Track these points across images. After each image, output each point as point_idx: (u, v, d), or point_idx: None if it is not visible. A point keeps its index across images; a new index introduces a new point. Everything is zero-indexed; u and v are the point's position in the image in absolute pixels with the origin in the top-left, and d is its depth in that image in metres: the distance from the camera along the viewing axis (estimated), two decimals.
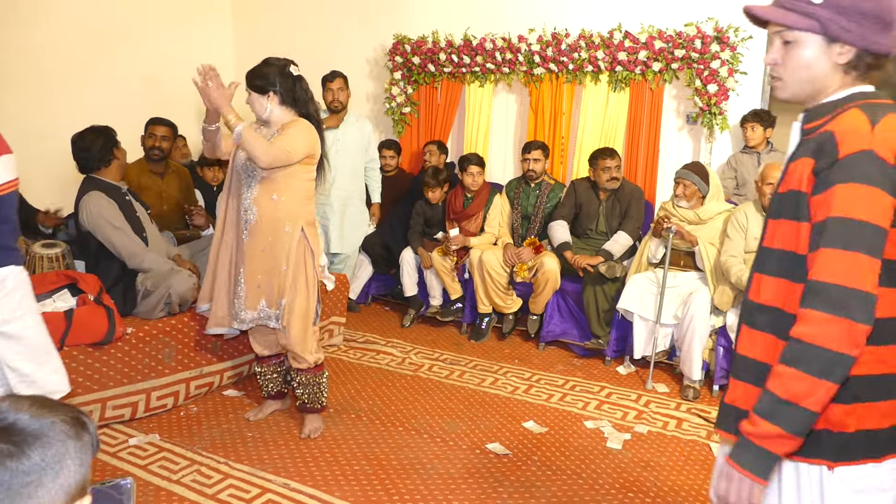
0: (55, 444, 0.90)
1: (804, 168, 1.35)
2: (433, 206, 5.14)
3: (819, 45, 1.37)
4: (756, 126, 4.54)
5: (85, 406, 3.15)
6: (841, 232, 1.26)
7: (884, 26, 1.34)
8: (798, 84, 1.43)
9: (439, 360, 4.39)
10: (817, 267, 1.28)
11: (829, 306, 1.25)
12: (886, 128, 1.30)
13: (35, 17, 5.14)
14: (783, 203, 1.40)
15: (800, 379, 1.27)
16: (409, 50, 5.77)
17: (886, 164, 1.27)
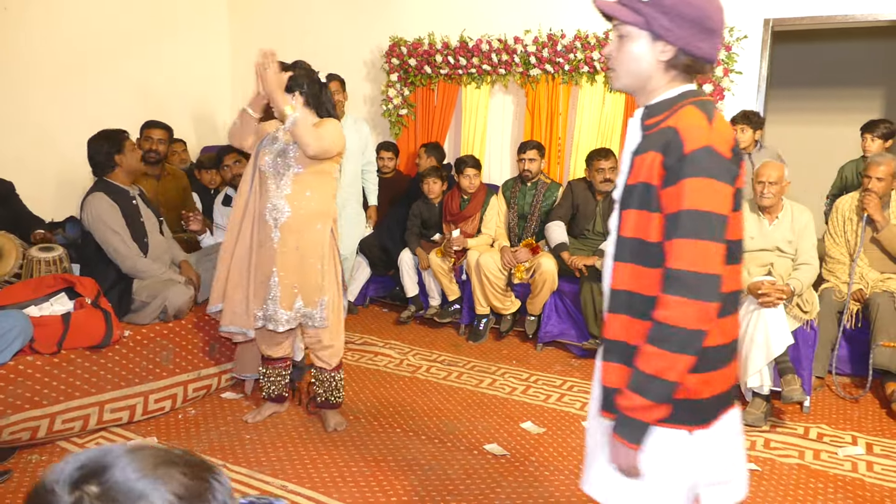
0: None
1: (653, 162, 1.45)
2: (430, 206, 5.15)
3: (646, 40, 1.48)
4: (745, 128, 4.55)
5: (82, 409, 3.16)
6: (691, 223, 1.39)
7: (704, 31, 1.45)
8: (628, 76, 1.53)
9: (437, 362, 4.39)
10: (673, 256, 1.41)
11: (684, 291, 1.40)
12: (720, 125, 1.45)
13: (33, 23, 5.14)
14: (632, 194, 1.50)
15: (662, 356, 1.42)
16: (406, 52, 5.78)
17: (723, 158, 1.42)
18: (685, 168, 1.40)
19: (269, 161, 3.12)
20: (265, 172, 3.13)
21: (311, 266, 3.17)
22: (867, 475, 3.05)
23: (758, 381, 3.56)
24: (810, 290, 3.73)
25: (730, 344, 1.54)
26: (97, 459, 0.78)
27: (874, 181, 3.87)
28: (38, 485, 0.78)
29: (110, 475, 0.77)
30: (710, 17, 1.45)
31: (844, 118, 6.13)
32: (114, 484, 0.76)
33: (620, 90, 1.58)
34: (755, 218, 3.85)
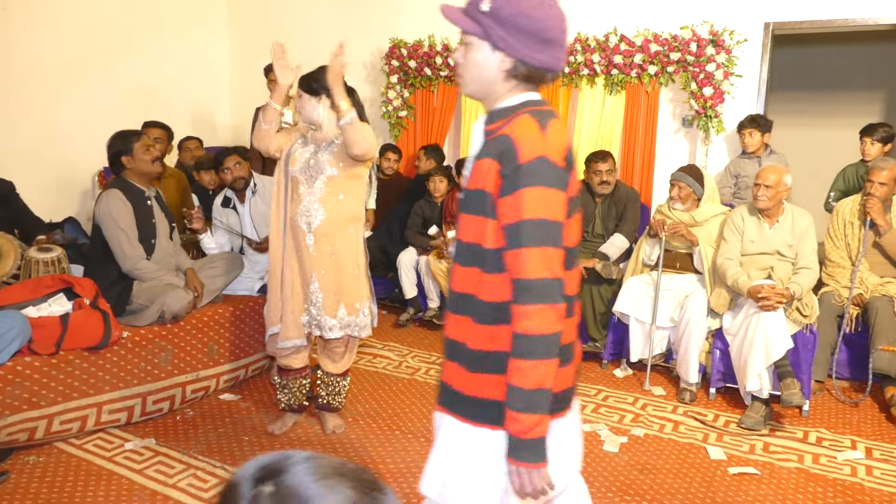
0: None
1: (490, 169, 1.47)
2: (433, 206, 5.15)
3: (486, 50, 1.49)
4: (754, 132, 4.55)
5: (80, 410, 3.15)
6: (532, 231, 1.42)
7: (542, 43, 1.47)
8: (473, 83, 1.55)
9: (436, 364, 4.38)
10: (521, 266, 1.43)
11: (539, 298, 1.42)
12: (553, 134, 1.47)
13: (33, 23, 5.14)
14: (471, 199, 1.52)
15: (536, 367, 1.43)
16: (406, 54, 5.78)
17: (557, 167, 1.44)
18: (521, 178, 1.42)
19: (301, 165, 3.08)
20: (297, 177, 3.09)
21: (350, 272, 3.15)
22: (866, 479, 3.04)
23: (757, 384, 3.56)
24: (810, 294, 3.73)
25: (567, 346, 1.57)
26: (277, 462, 0.86)
27: (876, 186, 3.87)
28: (231, 478, 0.87)
29: (285, 478, 0.84)
30: (547, 29, 1.46)
31: (844, 122, 6.14)
32: (287, 486, 0.83)
33: (469, 97, 1.60)
34: (755, 221, 3.84)
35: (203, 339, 3.66)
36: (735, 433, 3.49)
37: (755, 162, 4.62)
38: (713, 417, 3.68)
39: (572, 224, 1.53)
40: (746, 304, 3.66)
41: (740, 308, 3.73)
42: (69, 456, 3.08)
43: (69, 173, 5.52)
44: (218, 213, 4.21)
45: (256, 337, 3.90)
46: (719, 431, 3.51)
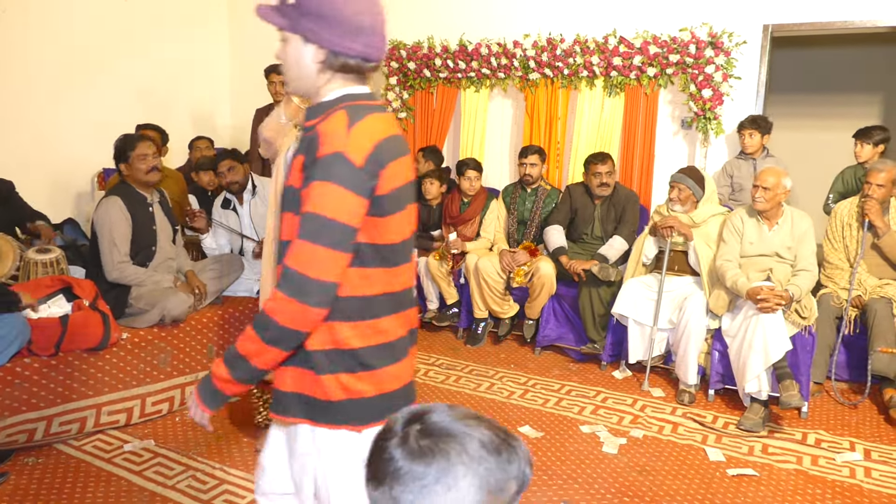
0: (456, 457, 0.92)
1: (297, 165, 1.48)
2: (430, 208, 5.15)
3: (299, 43, 1.48)
4: (754, 133, 4.55)
5: (80, 412, 3.15)
6: (310, 226, 1.40)
7: (353, 31, 1.45)
8: (294, 80, 1.54)
9: (435, 365, 4.38)
10: (290, 254, 1.42)
11: (290, 290, 1.41)
12: (361, 130, 1.43)
13: (32, 25, 5.14)
14: (286, 198, 1.52)
15: (255, 341, 1.45)
16: (405, 55, 5.78)
17: (354, 167, 1.40)
18: (315, 171, 1.41)
19: None
20: None
21: None
22: (865, 481, 3.05)
23: (756, 386, 3.56)
24: (809, 296, 3.74)
25: (394, 342, 1.57)
26: (423, 408, 0.99)
27: (874, 187, 3.87)
28: (384, 424, 1.00)
29: (429, 417, 0.96)
30: (356, 16, 1.44)
31: (843, 124, 6.15)
32: (432, 423, 0.95)
33: (294, 94, 1.62)
34: (755, 223, 3.85)
35: (202, 340, 3.66)
36: (734, 435, 3.49)
37: (750, 163, 4.63)
38: (712, 419, 3.68)
39: (401, 217, 1.52)
40: (745, 306, 3.66)
41: (739, 310, 3.73)
42: (68, 457, 3.08)
43: (68, 174, 5.51)
44: (218, 214, 4.22)
45: None
46: (718, 433, 3.51)
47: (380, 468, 0.95)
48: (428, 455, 0.91)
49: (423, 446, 0.92)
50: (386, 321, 1.54)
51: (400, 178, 1.50)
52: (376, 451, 0.97)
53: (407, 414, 0.98)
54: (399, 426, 0.97)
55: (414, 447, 0.92)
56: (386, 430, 0.98)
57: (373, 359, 1.53)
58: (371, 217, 1.45)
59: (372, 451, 0.98)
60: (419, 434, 0.94)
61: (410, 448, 0.93)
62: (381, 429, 0.99)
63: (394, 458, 0.93)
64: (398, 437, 0.95)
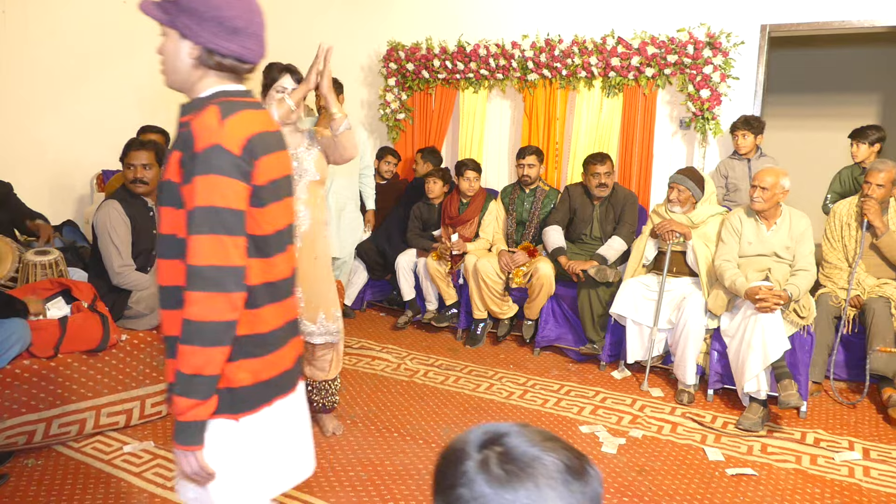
0: (543, 481, 0.90)
1: (174, 159, 1.50)
2: (431, 208, 5.16)
3: (176, 39, 1.52)
4: (747, 134, 4.56)
5: (79, 414, 3.15)
6: (205, 219, 1.44)
7: (229, 31, 1.50)
8: (171, 74, 1.57)
9: (434, 366, 4.39)
10: (192, 252, 1.45)
11: (207, 285, 1.44)
12: (235, 122, 1.48)
13: (31, 27, 5.14)
14: (163, 191, 1.54)
15: (196, 353, 1.45)
16: (404, 56, 5.79)
17: (232, 155, 1.46)
18: (196, 166, 1.44)
19: None
20: None
21: (327, 277, 3.15)
22: (864, 480, 3.05)
23: (755, 385, 3.57)
24: (807, 296, 3.74)
25: (274, 331, 1.61)
26: (496, 429, 0.97)
27: (874, 187, 3.87)
28: (449, 448, 0.99)
29: (508, 441, 0.94)
30: (233, 18, 1.49)
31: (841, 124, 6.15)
32: (512, 447, 0.93)
33: (171, 88, 1.62)
34: (753, 223, 3.86)
35: None
36: (733, 434, 3.50)
37: (744, 163, 4.64)
38: (711, 419, 3.69)
39: (276, 208, 1.57)
40: (744, 306, 3.67)
41: (738, 310, 3.73)
42: (68, 459, 3.08)
43: (67, 176, 5.52)
44: None
45: None
46: (717, 433, 3.51)
47: (460, 494, 0.92)
48: (515, 481, 0.89)
49: (509, 471, 0.90)
50: (265, 311, 1.59)
51: (276, 171, 1.57)
52: (451, 476, 0.95)
53: (481, 436, 0.96)
54: (473, 449, 0.95)
55: (498, 473, 0.90)
56: (458, 453, 0.95)
57: (251, 347, 1.57)
58: (249, 208, 1.51)
59: (445, 476, 0.96)
60: (501, 459, 0.92)
61: (494, 474, 0.90)
62: (448, 452, 0.98)
63: (475, 482, 0.91)
64: (476, 462, 0.93)
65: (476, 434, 0.97)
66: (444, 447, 1.00)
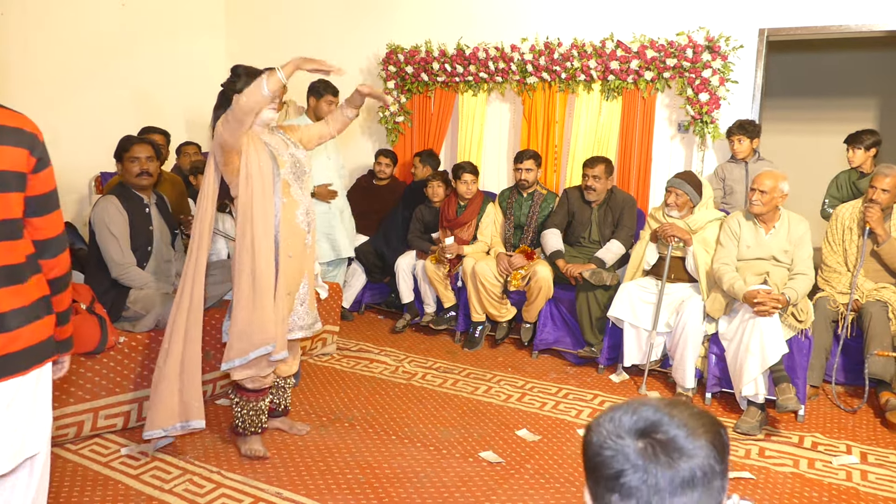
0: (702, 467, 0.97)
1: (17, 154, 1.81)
2: (433, 210, 5.16)
3: None
4: (742, 138, 4.57)
5: (77, 416, 3.15)
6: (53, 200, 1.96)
7: None
8: None
9: (432, 369, 4.38)
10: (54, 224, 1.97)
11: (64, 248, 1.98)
12: None
13: (30, 29, 5.15)
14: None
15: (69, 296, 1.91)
16: (403, 59, 5.80)
17: None
18: None
19: (289, 167, 3.03)
20: (287, 179, 3.01)
21: (312, 269, 3.24)
22: (861, 484, 3.05)
23: (752, 389, 3.57)
24: (805, 300, 3.74)
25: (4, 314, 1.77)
26: (649, 416, 1.01)
27: (879, 192, 3.86)
28: (598, 433, 1.02)
29: (668, 429, 0.99)
30: None
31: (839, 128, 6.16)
32: (673, 436, 0.98)
33: None
34: (752, 227, 3.86)
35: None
36: (731, 438, 3.49)
37: (742, 167, 4.65)
38: None
39: None
40: (742, 310, 3.67)
41: (736, 313, 3.74)
42: (65, 461, 3.07)
43: (66, 178, 5.49)
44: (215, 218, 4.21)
45: None
46: None
47: (627, 482, 0.97)
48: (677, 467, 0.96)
49: (674, 459, 0.97)
50: None
51: None
52: (614, 464, 0.99)
53: (638, 424, 1.01)
54: (632, 436, 1.00)
55: (665, 460, 0.96)
56: (610, 440, 1.00)
57: None
58: None
59: (605, 464, 1.00)
60: (661, 446, 0.98)
61: (662, 462, 0.96)
62: (601, 439, 1.02)
63: (642, 469, 0.97)
64: (638, 450, 0.98)
65: (629, 423, 1.02)
66: (588, 431, 1.04)
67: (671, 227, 4.04)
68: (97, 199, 3.59)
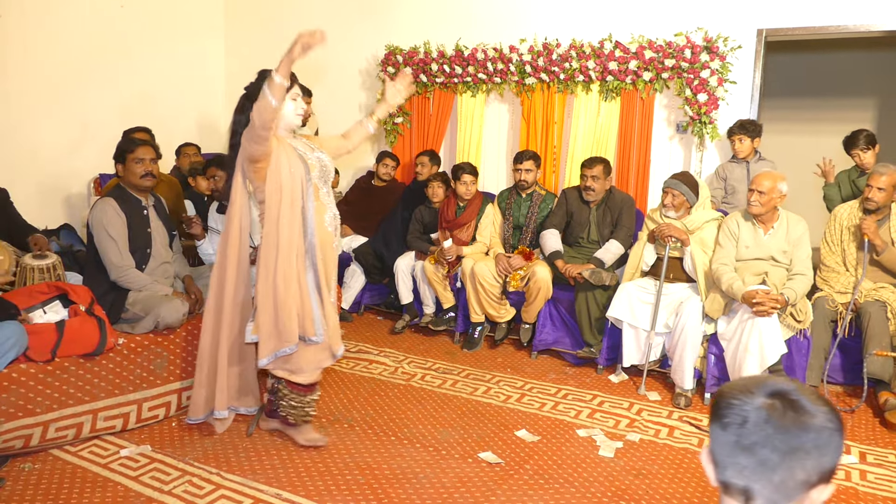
0: (824, 430, 1.10)
1: None
2: (432, 211, 5.17)
3: None
4: (744, 138, 4.57)
5: (76, 417, 3.15)
6: None
7: None
8: None
9: (432, 370, 4.39)
10: None
11: None
12: None
13: (28, 32, 5.15)
14: None
15: None
16: (401, 60, 5.80)
17: None
18: None
19: (319, 170, 3.06)
20: (317, 183, 3.04)
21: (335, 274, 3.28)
22: (860, 484, 3.06)
23: None
24: (804, 300, 3.75)
25: None
26: (778, 383, 1.15)
27: (875, 190, 3.87)
28: (735, 388, 1.17)
29: (794, 394, 1.13)
30: None
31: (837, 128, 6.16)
32: (798, 398, 1.12)
33: None
34: (750, 227, 3.86)
35: (198, 345, 3.65)
36: None
37: (743, 167, 4.65)
38: (708, 422, 3.68)
39: None
40: (741, 310, 3.67)
41: (735, 313, 3.74)
42: (64, 463, 3.07)
43: (64, 179, 5.52)
44: (214, 219, 4.22)
45: None
46: None
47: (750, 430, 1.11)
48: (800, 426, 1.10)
49: (796, 419, 1.10)
50: None
51: None
52: (739, 411, 1.13)
53: (767, 387, 1.14)
54: (763, 394, 1.14)
55: (789, 415, 1.10)
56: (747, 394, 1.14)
57: None
58: None
59: (732, 409, 1.14)
60: (787, 406, 1.11)
61: (789, 417, 1.10)
62: (736, 391, 1.16)
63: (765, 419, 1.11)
64: (766, 405, 1.12)
65: (760, 386, 1.15)
66: (720, 394, 1.19)
67: (668, 227, 4.04)
68: (95, 202, 3.59)
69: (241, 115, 3.05)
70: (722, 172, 4.76)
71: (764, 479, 1.10)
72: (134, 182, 3.59)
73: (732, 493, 1.15)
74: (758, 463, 1.10)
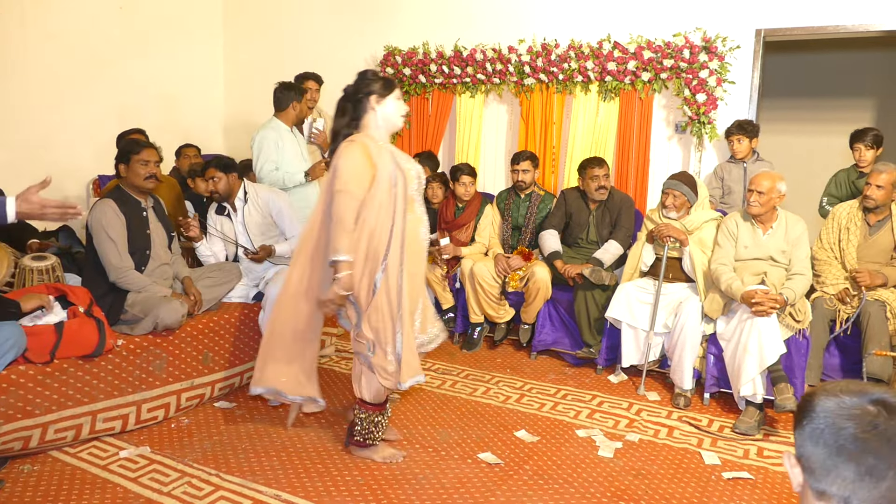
0: None
1: None
2: (431, 211, 5.16)
3: None
4: (742, 138, 4.58)
5: (75, 419, 3.14)
6: None
7: None
8: None
9: (431, 370, 4.38)
10: None
11: None
12: None
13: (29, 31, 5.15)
14: None
15: None
16: (400, 61, 5.80)
17: None
18: None
19: (416, 183, 3.01)
20: (413, 196, 2.99)
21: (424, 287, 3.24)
22: None
23: (751, 389, 3.57)
24: (803, 300, 3.75)
25: None
26: (877, 392, 1.14)
27: (874, 188, 3.88)
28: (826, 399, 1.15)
29: (893, 400, 1.12)
30: None
31: (836, 128, 6.19)
32: None
33: None
34: (749, 227, 3.86)
35: (198, 346, 3.65)
36: (729, 438, 3.50)
37: (740, 167, 4.66)
38: (707, 422, 3.69)
39: None
40: (740, 310, 3.67)
41: (734, 313, 3.74)
42: (64, 464, 3.07)
43: (64, 181, 5.51)
44: (212, 220, 4.21)
45: (251, 344, 3.90)
46: (713, 436, 3.51)
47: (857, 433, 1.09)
48: None
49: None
50: None
51: None
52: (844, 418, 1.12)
53: (874, 398, 1.13)
54: (865, 403, 1.12)
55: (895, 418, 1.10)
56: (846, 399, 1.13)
57: None
58: None
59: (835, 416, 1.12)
60: (892, 410, 1.10)
61: (892, 418, 1.09)
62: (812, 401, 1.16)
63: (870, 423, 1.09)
64: (870, 410, 1.11)
65: (866, 396, 1.13)
66: (822, 392, 1.17)
67: (667, 227, 4.04)
68: (94, 203, 3.59)
69: (342, 118, 3.06)
70: (720, 172, 4.77)
71: (869, 487, 1.07)
72: (137, 183, 3.59)
73: (829, 500, 1.12)
74: (864, 472, 1.07)
